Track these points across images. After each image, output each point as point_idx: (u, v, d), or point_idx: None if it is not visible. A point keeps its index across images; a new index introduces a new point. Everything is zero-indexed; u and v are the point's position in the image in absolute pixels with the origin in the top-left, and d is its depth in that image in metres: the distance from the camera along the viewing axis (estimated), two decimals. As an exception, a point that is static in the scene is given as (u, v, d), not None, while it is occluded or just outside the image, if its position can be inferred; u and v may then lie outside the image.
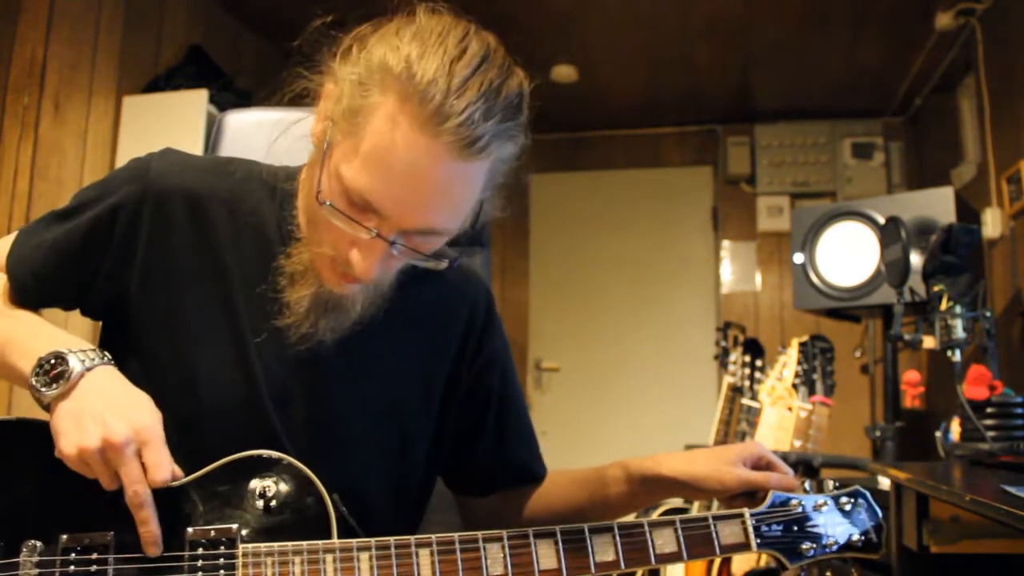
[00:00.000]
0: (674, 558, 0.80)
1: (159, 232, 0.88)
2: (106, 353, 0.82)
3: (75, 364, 0.77)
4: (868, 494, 0.87)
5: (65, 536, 0.75)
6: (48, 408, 0.77)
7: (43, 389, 0.76)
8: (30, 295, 0.90)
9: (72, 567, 0.74)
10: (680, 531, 0.81)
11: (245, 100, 2.90)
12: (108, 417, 0.74)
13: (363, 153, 0.76)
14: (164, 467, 0.75)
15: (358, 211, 0.77)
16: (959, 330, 1.50)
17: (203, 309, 0.88)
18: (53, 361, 0.77)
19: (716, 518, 0.83)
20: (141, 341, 0.88)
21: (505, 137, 0.79)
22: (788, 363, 2.53)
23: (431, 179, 0.75)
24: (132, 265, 0.88)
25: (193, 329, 0.87)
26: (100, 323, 0.96)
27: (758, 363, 2.77)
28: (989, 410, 1.42)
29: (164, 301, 0.88)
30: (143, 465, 0.75)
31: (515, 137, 0.81)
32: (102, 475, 0.74)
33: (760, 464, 0.90)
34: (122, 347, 0.88)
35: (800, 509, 0.85)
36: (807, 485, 0.88)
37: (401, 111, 0.74)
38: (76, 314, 0.95)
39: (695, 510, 2.28)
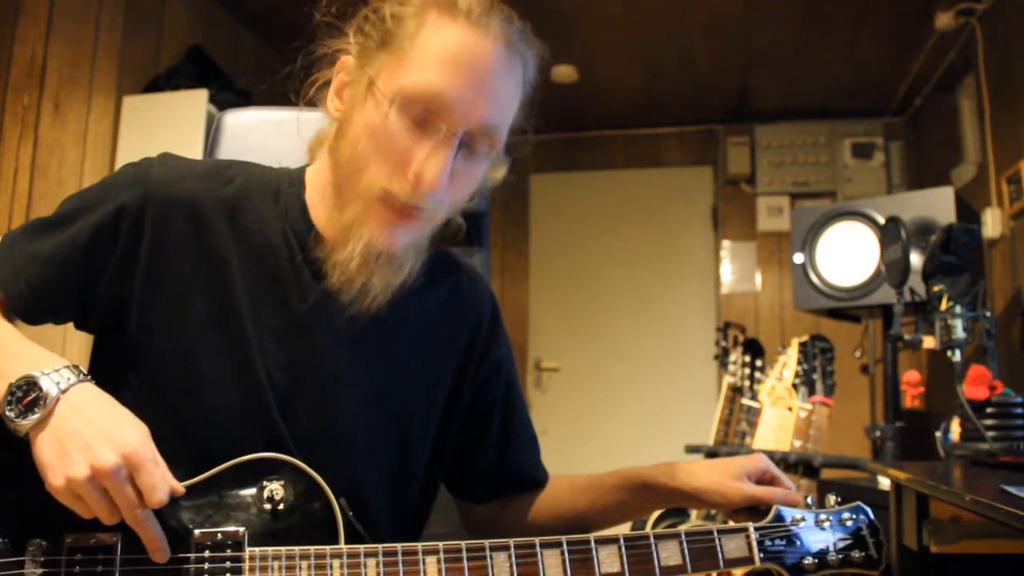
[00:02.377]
0: (678, 571, 0.81)
1: (161, 239, 0.87)
2: (79, 368, 0.77)
3: (49, 387, 0.73)
4: (869, 510, 0.88)
5: (70, 537, 0.74)
6: (27, 438, 0.73)
7: (18, 419, 0.72)
8: (27, 310, 0.85)
9: (77, 567, 0.74)
10: (685, 544, 0.82)
11: (245, 100, 2.90)
12: (93, 443, 0.70)
13: (420, 58, 0.83)
14: (159, 488, 0.72)
15: (421, 120, 0.83)
16: (959, 330, 1.50)
17: (206, 315, 0.87)
18: (25, 387, 0.73)
19: (721, 532, 0.83)
20: (142, 348, 0.87)
21: (528, 55, 0.89)
22: (788, 363, 2.54)
23: (489, 66, 0.84)
24: (135, 271, 0.86)
25: (196, 334, 0.86)
26: (92, 335, 0.92)
27: (758, 363, 2.78)
28: (989, 410, 1.42)
29: (167, 307, 0.86)
30: (137, 489, 0.71)
31: (531, 71, 0.90)
32: (99, 508, 0.71)
33: (764, 478, 0.91)
34: (119, 356, 0.87)
35: (803, 524, 0.85)
36: (809, 500, 0.88)
37: (446, 15, 0.84)
38: (72, 326, 0.90)
39: (694, 517, 2.29)
